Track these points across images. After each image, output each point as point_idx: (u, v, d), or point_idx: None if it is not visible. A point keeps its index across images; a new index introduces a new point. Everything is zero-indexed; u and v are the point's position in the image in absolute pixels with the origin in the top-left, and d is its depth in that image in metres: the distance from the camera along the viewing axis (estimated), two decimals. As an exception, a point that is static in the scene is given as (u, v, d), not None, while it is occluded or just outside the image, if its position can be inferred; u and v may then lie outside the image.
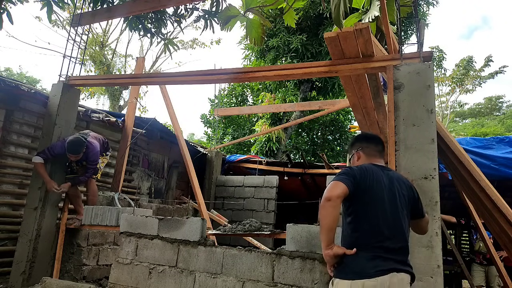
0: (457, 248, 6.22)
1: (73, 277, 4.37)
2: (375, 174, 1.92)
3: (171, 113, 6.31)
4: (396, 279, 1.72)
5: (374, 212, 1.85)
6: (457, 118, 31.19)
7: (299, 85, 11.74)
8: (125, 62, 16.20)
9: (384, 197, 1.87)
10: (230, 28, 4.15)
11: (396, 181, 1.97)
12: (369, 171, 1.93)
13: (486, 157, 4.68)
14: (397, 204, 1.89)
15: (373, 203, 1.86)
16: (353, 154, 2.18)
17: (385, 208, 1.86)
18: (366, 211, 1.85)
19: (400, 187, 1.96)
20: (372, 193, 1.87)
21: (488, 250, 4.70)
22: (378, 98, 3.86)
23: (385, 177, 1.95)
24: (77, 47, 4.54)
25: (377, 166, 2.02)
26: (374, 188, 1.88)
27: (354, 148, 2.19)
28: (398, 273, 1.74)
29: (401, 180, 2.02)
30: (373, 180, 1.89)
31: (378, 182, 1.90)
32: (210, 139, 14.82)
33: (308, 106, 8.40)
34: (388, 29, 3.29)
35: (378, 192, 1.87)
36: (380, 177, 1.93)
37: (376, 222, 1.83)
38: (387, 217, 1.84)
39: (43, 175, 4.02)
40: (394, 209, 1.87)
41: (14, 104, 4.60)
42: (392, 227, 1.83)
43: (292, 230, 2.94)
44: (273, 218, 7.20)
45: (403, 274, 1.75)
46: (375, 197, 1.87)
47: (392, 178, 1.98)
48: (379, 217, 1.84)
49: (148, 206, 6.12)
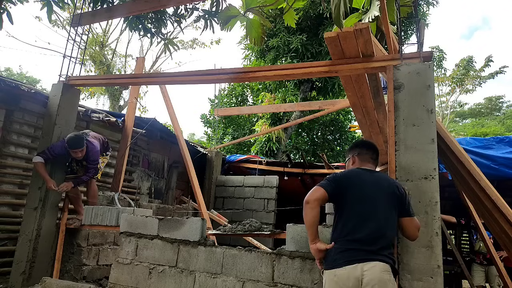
0: (457, 248, 6.21)
1: (73, 277, 4.37)
2: (358, 177, 2.19)
3: (171, 113, 6.31)
4: (368, 267, 1.93)
5: (352, 211, 2.09)
6: (457, 118, 31.19)
7: (299, 85, 11.74)
8: (125, 62, 16.21)
9: (364, 196, 2.11)
10: (230, 28, 4.15)
11: (381, 182, 2.19)
12: (352, 174, 2.22)
13: (486, 157, 4.68)
14: (377, 202, 2.10)
15: (352, 202, 2.11)
16: (349, 158, 2.42)
17: (364, 206, 2.09)
18: (344, 210, 2.12)
19: (384, 186, 2.17)
20: (351, 194, 2.12)
21: (488, 250, 4.70)
22: (378, 98, 3.86)
23: (370, 178, 2.19)
24: (77, 47, 4.54)
25: (365, 169, 2.27)
26: (354, 189, 2.13)
27: (351, 153, 2.43)
28: (370, 262, 1.95)
29: (385, 180, 2.22)
30: (355, 182, 2.16)
31: (359, 184, 2.15)
32: (210, 139, 14.82)
33: (308, 106, 8.40)
34: (388, 29, 3.28)
35: (357, 193, 2.12)
36: (363, 179, 2.17)
37: (352, 219, 2.07)
38: (364, 214, 2.07)
39: (43, 174, 4.02)
40: (372, 207, 2.08)
41: (14, 104, 4.60)
42: (368, 223, 2.04)
43: (292, 230, 2.94)
44: (273, 218, 7.20)
45: (375, 263, 1.95)
46: (353, 197, 2.11)
47: (378, 179, 2.20)
48: (355, 215, 2.08)
49: (148, 206, 6.12)
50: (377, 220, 2.05)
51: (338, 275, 1.97)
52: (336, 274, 1.98)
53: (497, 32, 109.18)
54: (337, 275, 1.97)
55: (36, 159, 4.02)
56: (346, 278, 1.94)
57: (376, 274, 1.92)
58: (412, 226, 2.18)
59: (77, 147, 4.03)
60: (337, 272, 1.98)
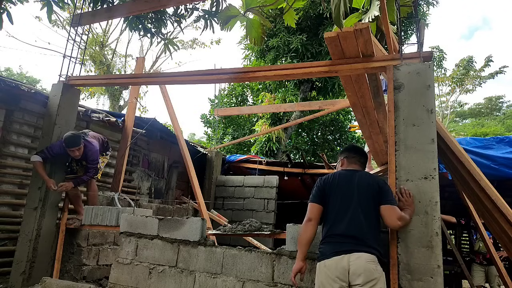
0: (457, 248, 6.21)
1: (73, 277, 4.37)
2: (338, 178, 2.40)
3: (171, 113, 6.31)
4: (353, 258, 2.11)
5: (334, 208, 2.31)
6: (457, 118, 31.19)
7: (299, 85, 11.73)
8: (125, 62, 16.21)
9: (342, 194, 2.33)
10: (230, 28, 4.15)
11: (361, 178, 2.38)
12: (333, 176, 2.43)
13: (486, 157, 4.67)
14: (355, 197, 2.29)
15: (333, 201, 2.33)
16: (339, 160, 2.64)
17: (342, 203, 2.30)
18: (328, 209, 2.34)
19: (363, 182, 2.35)
20: (332, 194, 2.35)
21: (488, 250, 4.70)
22: (378, 98, 3.86)
23: (351, 177, 2.39)
24: (77, 47, 4.54)
25: (348, 170, 2.48)
26: (334, 189, 2.36)
27: (340, 156, 2.65)
28: (355, 253, 2.13)
29: (365, 177, 2.41)
30: (335, 183, 2.38)
31: (338, 184, 2.36)
32: (210, 139, 14.82)
33: (308, 106, 8.39)
34: (388, 29, 3.28)
35: (337, 192, 2.34)
36: (343, 179, 2.39)
37: (334, 215, 2.29)
38: (343, 210, 2.27)
39: (42, 174, 4.02)
40: (350, 202, 2.28)
41: (14, 104, 4.60)
42: (347, 217, 2.24)
43: (292, 230, 2.94)
44: (273, 218, 7.20)
45: (360, 254, 2.13)
46: (334, 197, 2.34)
47: (359, 177, 2.38)
48: (336, 211, 2.29)
49: (148, 206, 6.12)
50: (356, 214, 2.23)
51: (327, 265, 2.16)
52: (325, 265, 2.17)
53: (497, 32, 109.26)
54: (326, 265, 2.17)
55: (35, 158, 4.02)
56: (334, 268, 2.12)
57: (362, 264, 2.08)
58: (390, 214, 2.28)
59: (74, 145, 4.02)
60: (326, 262, 2.17)
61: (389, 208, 2.29)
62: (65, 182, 4.18)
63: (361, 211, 2.25)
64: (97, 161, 4.32)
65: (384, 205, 2.29)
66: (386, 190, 2.34)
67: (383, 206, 2.29)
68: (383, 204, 2.29)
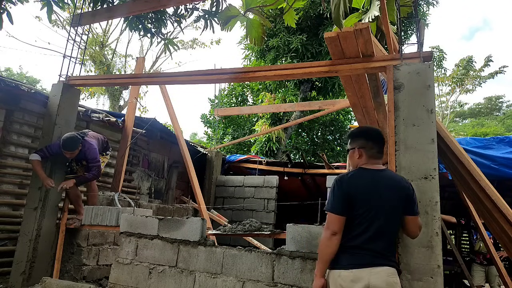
0: (457, 248, 6.22)
1: (73, 277, 4.37)
2: (364, 183, 2.07)
3: (171, 113, 6.31)
4: (375, 272, 1.92)
5: (359, 217, 2.01)
6: (457, 118, 31.19)
7: (299, 85, 11.73)
8: (125, 62, 16.20)
9: (372, 203, 2.01)
10: (230, 28, 4.15)
11: (392, 183, 2.09)
12: (361, 181, 2.08)
13: (486, 157, 4.67)
14: (386, 207, 2.02)
15: (359, 209, 2.01)
16: (355, 149, 2.21)
17: (371, 212, 2.00)
18: (353, 216, 2.01)
19: (390, 189, 2.07)
20: (359, 201, 2.01)
21: (488, 250, 4.70)
22: (378, 98, 3.86)
23: (376, 181, 2.08)
24: (77, 47, 4.54)
25: (370, 170, 2.13)
26: (360, 198, 2.02)
27: (357, 144, 2.22)
28: (377, 267, 1.93)
29: (396, 182, 2.11)
30: (361, 191, 2.04)
31: (365, 191, 2.04)
32: (210, 139, 14.82)
33: (308, 106, 8.39)
34: (388, 29, 3.28)
35: (366, 200, 2.02)
36: (369, 184, 2.06)
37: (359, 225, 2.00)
38: (371, 221, 1.99)
39: (39, 172, 4.02)
40: (379, 212, 2.01)
41: (14, 104, 4.60)
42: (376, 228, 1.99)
43: (292, 230, 2.94)
44: (273, 218, 7.20)
45: (382, 268, 1.94)
46: (361, 204, 2.01)
47: (383, 181, 2.09)
48: (363, 221, 2.00)
49: (148, 206, 6.12)
50: (381, 225, 2.00)
51: (342, 276, 1.95)
52: (340, 275, 1.96)
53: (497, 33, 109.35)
54: (341, 276, 1.95)
55: (33, 156, 4.03)
56: (350, 281, 1.92)
57: (384, 278, 1.91)
58: (414, 225, 2.12)
59: (68, 149, 4.02)
60: (342, 273, 1.96)
61: (414, 219, 2.11)
62: (67, 181, 4.17)
63: (386, 222, 2.02)
64: (99, 160, 4.31)
65: (410, 216, 2.10)
66: (414, 200, 2.12)
67: (409, 217, 2.10)
68: (410, 214, 2.10)
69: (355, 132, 2.31)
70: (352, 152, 2.23)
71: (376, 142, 2.20)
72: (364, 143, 2.19)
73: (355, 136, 2.27)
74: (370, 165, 2.15)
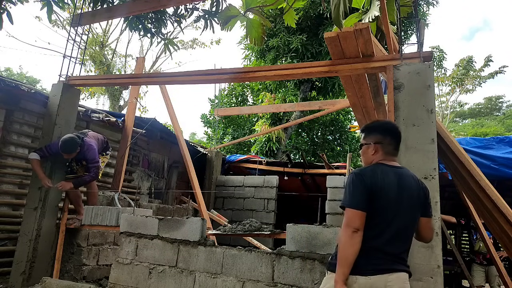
0: (457, 248, 6.22)
1: (73, 277, 4.37)
2: (385, 180, 1.89)
3: (171, 113, 6.31)
4: (392, 278, 1.80)
5: (380, 217, 1.85)
6: (457, 118, 31.21)
7: (299, 85, 11.73)
8: (125, 62, 16.21)
9: (393, 204, 1.86)
10: (230, 28, 4.15)
11: (410, 185, 1.94)
12: (381, 177, 1.90)
13: (486, 157, 4.67)
14: (405, 210, 1.89)
15: (379, 209, 1.85)
16: (370, 145, 2.04)
17: (392, 212, 1.86)
18: (373, 215, 1.84)
19: (413, 189, 1.94)
20: (379, 200, 1.85)
21: (488, 250, 4.70)
22: (378, 98, 3.86)
23: (396, 179, 1.91)
24: (77, 47, 4.54)
25: (389, 167, 1.97)
26: (382, 195, 1.85)
27: (373, 139, 2.04)
28: (394, 273, 1.81)
29: (414, 182, 1.98)
30: (383, 187, 1.87)
31: (387, 188, 1.87)
32: (210, 139, 14.82)
33: (308, 106, 8.40)
34: (388, 29, 3.29)
35: (385, 199, 1.86)
36: (390, 181, 1.90)
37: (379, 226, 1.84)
38: (392, 222, 1.85)
39: (38, 171, 4.02)
40: (400, 215, 1.87)
41: (14, 104, 4.60)
42: (394, 231, 1.85)
43: (292, 230, 2.94)
44: (273, 218, 7.21)
45: (399, 274, 1.82)
46: (381, 204, 1.85)
47: (403, 179, 1.94)
48: (383, 222, 1.85)
49: (148, 206, 6.12)
50: (401, 227, 1.88)
51: (359, 283, 1.78)
52: (357, 281, 1.79)
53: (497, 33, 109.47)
54: (358, 283, 1.78)
55: (32, 155, 4.03)
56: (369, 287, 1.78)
57: (400, 285, 1.81)
58: (429, 228, 2.03)
59: (65, 152, 4.02)
60: (359, 280, 1.78)
61: (429, 221, 2.01)
62: (64, 182, 4.17)
63: (405, 223, 1.90)
64: (97, 160, 4.31)
65: (425, 218, 1.99)
66: (430, 202, 2.03)
67: (424, 219, 1.98)
68: (426, 216, 1.99)
69: (371, 126, 2.13)
70: (367, 147, 2.05)
71: (394, 138, 2.04)
72: (381, 138, 2.02)
73: (371, 130, 2.09)
74: (388, 162, 1.99)
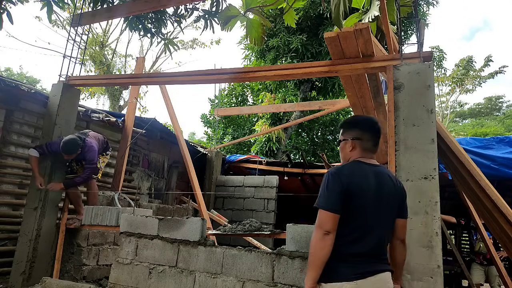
0: (457, 248, 6.22)
1: (73, 277, 4.37)
2: (363, 179, 1.84)
3: (171, 113, 6.31)
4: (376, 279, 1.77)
5: (360, 219, 1.80)
6: (457, 118, 31.21)
7: (299, 85, 11.74)
8: (125, 62, 16.22)
9: (369, 204, 1.81)
10: (230, 28, 4.15)
11: (386, 181, 1.89)
12: (357, 176, 1.84)
13: (486, 157, 4.68)
14: (382, 209, 1.85)
15: (360, 209, 1.80)
16: (348, 141, 1.98)
17: (372, 214, 1.81)
18: (352, 217, 1.80)
19: (389, 188, 1.89)
20: (357, 200, 1.79)
21: (488, 250, 4.70)
22: (378, 98, 3.86)
23: (375, 178, 1.86)
24: (77, 47, 4.54)
25: (368, 165, 1.91)
26: (360, 195, 1.80)
27: (351, 135, 1.98)
28: (378, 274, 1.78)
29: (390, 179, 1.92)
30: (360, 186, 1.81)
31: (365, 188, 1.82)
32: (210, 139, 14.82)
33: (308, 106, 8.40)
34: (388, 29, 3.29)
35: (363, 199, 1.80)
36: (369, 181, 1.84)
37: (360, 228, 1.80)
38: (373, 224, 1.81)
39: (34, 169, 4.02)
40: (377, 215, 1.83)
41: (14, 104, 4.60)
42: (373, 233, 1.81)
43: (292, 230, 2.94)
44: (273, 218, 7.21)
45: (382, 274, 1.80)
46: (362, 204, 1.80)
47: (382, 178, 1.88)
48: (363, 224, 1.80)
49: (148, 206, 6.12)
50: (382, 229, 1.86)
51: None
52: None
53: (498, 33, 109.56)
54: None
55: (32, 152, 4.02)
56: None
57: (384, 285, 1.80)
58: (404, 229, 1.99)
59: (66, 153, 4.01)
60: (345, 286, 1.74)
61: (405, 222, 1.98)
62: (54, 183, 4.13)
63: (385, 224, 1.88)
64: (95, 162, 4.29)
65: (402, 219, 1.96)
66: (406, 202, 2.00)
67: (401, 220, 1.95)
68: (403, 217, 1.96)
69: (350, 122, 2.07)
70: (345, 143, 1.99)
71: (374, 134, 1.97)
72: (360, 134, 1.95)
73: (350, 126, 2.02)
74: (366, 160, 1.93)
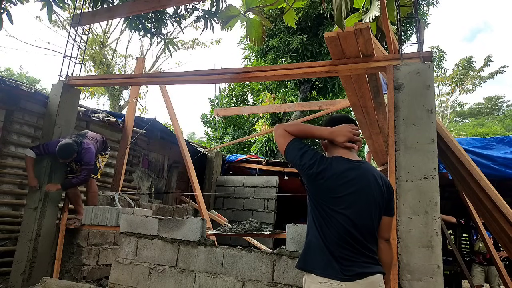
0: (457, 248, 6.22)
1: (73, 277, 4.37)
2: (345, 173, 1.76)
3: (171, 113, 6.31)
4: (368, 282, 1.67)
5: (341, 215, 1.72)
6: (457, 118, 31.23)
7: (299, 85, 11.74)
8: (125, 62, 16.23)
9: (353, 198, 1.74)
10: (230, 28, 4.15)
11: (367, 176, 1.80)
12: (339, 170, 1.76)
13: (486, 157, 4.68)
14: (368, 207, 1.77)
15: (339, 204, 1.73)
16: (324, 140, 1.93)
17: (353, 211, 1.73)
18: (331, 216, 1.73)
19: (378, 185, 1.82)
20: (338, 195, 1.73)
21: (488, 250, 4.70)
22: (378, 98, 3.86)
23: (353, 171, 1.78)
24: (77, 47, 4.54)
25: (346, 160, 1.81)
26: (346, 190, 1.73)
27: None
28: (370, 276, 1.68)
29: (373, 176, 1.83)
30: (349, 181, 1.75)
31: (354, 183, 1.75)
32: (210, 139, 14.82)
33: (308, 106, 8.40)
34: (388, 29, 3.29)
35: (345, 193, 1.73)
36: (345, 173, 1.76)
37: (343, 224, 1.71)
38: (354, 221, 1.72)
39: (29, 170, 4.00)
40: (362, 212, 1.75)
41: (14, 104, 4.60)
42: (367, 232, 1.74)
43: (292, 230, 2.94)
44: (273, 218, 7.21)
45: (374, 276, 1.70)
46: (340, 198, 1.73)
47: (362, 173, 1.80)
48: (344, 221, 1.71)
49: (148, 206, 6.12)
50: (372, 226, 1.77)
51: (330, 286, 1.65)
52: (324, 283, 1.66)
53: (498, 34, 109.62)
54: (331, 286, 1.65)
55: (29, 152, 4.00)
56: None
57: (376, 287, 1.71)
58: (389, 227, 1.91)
59: (61, 157, 4.00)
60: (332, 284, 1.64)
61: (390, 220, 1.90)
62: (51, 184, 4.11)
63: (373, 222, 1.79)
64: (92, 163, 4.27)
65: (388, 217, 1.87)
66: (393, 200, 1.93)
67: (387, 218, 1.87)
68: (388, 215, 1.87)
69: (324, 122, 2.03)
70: (322, 142, 1.97)
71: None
72: None
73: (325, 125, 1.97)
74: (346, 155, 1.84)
